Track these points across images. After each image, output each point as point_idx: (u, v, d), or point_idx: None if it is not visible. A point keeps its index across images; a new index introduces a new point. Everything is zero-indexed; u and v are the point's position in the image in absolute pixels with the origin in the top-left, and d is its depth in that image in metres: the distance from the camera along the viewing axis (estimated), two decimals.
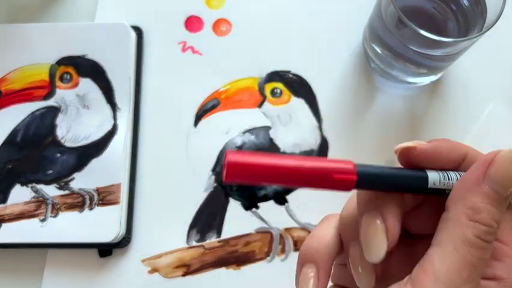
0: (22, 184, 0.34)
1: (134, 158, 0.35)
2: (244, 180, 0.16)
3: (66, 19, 0.39)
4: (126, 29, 0.36)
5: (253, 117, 0.36)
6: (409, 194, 0.20)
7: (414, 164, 0.19)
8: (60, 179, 0.34)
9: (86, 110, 0.35)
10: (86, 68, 0.36)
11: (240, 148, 0.35)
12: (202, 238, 0.34)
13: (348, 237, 0.20)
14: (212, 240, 0.34)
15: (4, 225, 0.33)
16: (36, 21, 0.38)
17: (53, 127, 0.35)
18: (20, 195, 0.34)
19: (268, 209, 0.34)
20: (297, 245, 0.33)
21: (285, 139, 0.35)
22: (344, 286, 0.22)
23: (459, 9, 0.32)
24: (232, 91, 0.37)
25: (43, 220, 0.33)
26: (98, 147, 0.34)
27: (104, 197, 0.33)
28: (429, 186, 0.18)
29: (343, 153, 0.35)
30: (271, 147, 0.35)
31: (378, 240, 0.18)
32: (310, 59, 0.37)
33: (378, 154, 0.35)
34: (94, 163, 0.34)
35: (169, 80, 0.37)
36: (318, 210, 0.26)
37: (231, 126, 0.36)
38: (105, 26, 0.36)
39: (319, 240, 0.21)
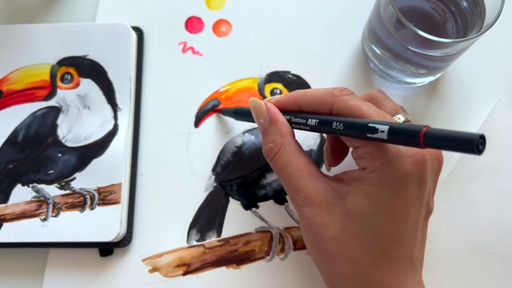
0: (23, 184, 0.34)
1: (135, 158, 0.35)
2: None
3: (67, 19, 0.39)
4: (127, 30, 0.36)
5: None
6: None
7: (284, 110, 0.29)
8: (62, 178, 0.34)
9: (87, 110, 0.35)
10: (87, 68, 0.36)
11: (239, 148, 0.35)
12: (202, 237, 0.34)
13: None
14: (212, 240, 0.34)
15: (5, 224, 0.33)
16: (37, 21, 0.39)
17: (54, 127, 0.35)
18: (21, 195, 0.34)
19: (268, 208, 0.34)
20: (296, 245, 0.34)
21: None
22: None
23: (458, 10, 0.33)
24: (232, 91, 0.37)
25: (44, 220, 0.33)
26: (99, 147, 0.34)
27: (105, 196, 0.33)
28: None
29: None
30: None
31: (326, 163, 0.32)
32: (309, 59, 0.37)
33: None
34: (95, 163, 0.34)
35: (170, 80, 0.37)
36: None
37: (231, 127, 0.36)
38: (106, 27, 0.36)
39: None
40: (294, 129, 0.28)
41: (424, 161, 0.24)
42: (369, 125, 0.23)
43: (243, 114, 0.33)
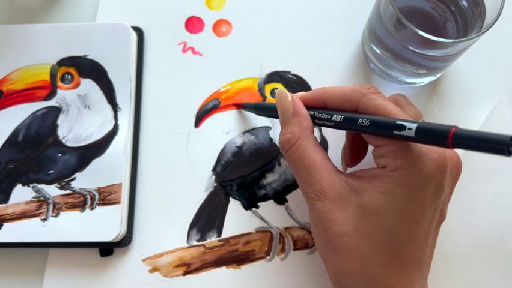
0: (23, 184, 0.34)
1: (135, 158, 0.35)
2: None
3: (67, 19, 0.39)
4: (127, 30, 0.36)
5: (253, 118, 0.36)
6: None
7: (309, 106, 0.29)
8: (62, 178, 0.34)
9: (87, 110, 0.35)
10: (87, 68, 0.36)
11: (239, 148, 0.35)
12: (202, 237, 0.34)
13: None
14: (212, 240, 0.34)
15: (6, 224, 0.33)
16: (37, 21, 0.39)
17: (54, 127, 0.35)
18: (21, 195, 0.34)
19: (268, 208, 0.34)
20: (296, 245, 0.34)
21: None
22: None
23: (458, 10, 0.33)
24: (232, 91, 0.37)
25: (44, 220, 0.33)
26: (99, 147, 0.34)
27: (105, 196, 0.33)
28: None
29: None
30: (271, 148, 0.35)
31: (342, 164, 0.33)
32: (309, 59, 0.38)
33: None
34: (95, 163, 0.34)
35: (170, 80, 0.37)
36: None
37: (231, 127, 0.36)
38: (106, 27, 0.36)
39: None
40: (317, 125, 0.28)
41: (445, 165, 0.24)
42: (397, 122, 0.23)
43: (264, 109, 0.33)
